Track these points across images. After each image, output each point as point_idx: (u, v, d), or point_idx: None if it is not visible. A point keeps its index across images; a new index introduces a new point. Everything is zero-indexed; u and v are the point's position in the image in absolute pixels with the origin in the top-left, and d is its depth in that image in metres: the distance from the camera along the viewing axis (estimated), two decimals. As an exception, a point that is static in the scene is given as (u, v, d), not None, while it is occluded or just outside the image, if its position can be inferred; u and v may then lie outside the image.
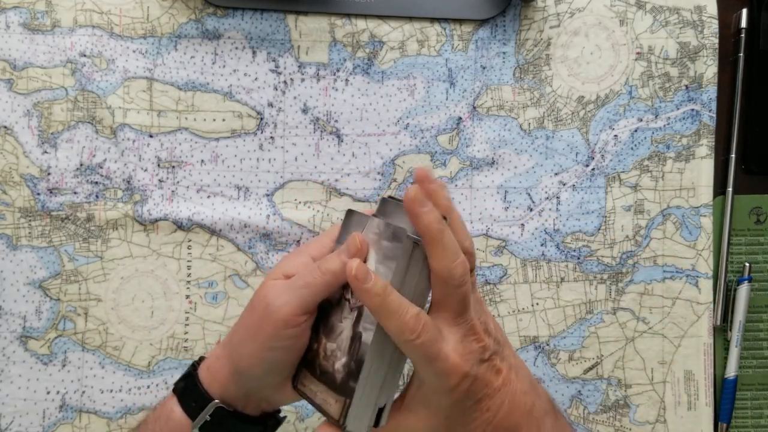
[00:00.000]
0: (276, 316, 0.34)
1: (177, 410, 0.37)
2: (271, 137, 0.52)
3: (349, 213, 0.37)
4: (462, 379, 0.32)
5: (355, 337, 0.34)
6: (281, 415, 0.40)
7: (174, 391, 0.38)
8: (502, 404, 0.34)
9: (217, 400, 0.36)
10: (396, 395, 0.35)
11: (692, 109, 0.53)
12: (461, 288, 0.32)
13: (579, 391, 0.52)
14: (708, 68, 0.53)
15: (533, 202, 0.53)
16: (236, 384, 0.36)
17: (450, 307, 0.33)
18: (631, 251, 0.53)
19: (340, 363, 0.34)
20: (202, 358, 0.39)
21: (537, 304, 0.52)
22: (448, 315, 0.33)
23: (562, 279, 0.52)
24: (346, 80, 0.52)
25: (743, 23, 0.53)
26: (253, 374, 0.35)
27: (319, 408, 0.35)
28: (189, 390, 0.37)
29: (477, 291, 0.37)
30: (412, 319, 0.31)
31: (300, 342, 0.35)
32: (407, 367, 0.36)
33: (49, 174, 0.50)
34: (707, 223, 0.53)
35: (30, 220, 0.50)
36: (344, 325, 0.35)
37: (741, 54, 0.53)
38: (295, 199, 0.52)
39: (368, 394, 0.33)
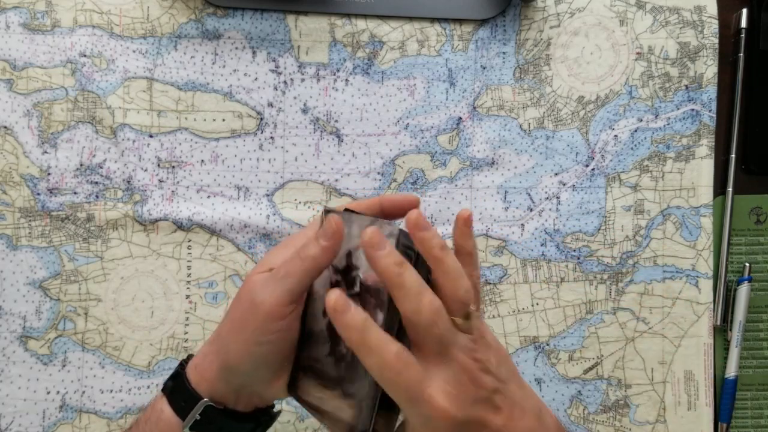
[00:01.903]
0: (261, 308, 0.33)
1: (167, 410, 0.36)
2: (271, 137, 0.52)
3: (327, 211, 0.36)
4: (451, 424, 0.30)
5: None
6: (275, 410, 0.40)
7: (163, 391, 0.37)
8: None
9: (206, 399, 0.36)
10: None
11: (692, 109, 0.53)
12: (433, 329, 0.30)
13: (579, 391, 0.52)
14: (708, 68, 0.53)
15: (533, 202, 0.53)
16: (225, 381, 0.36)
17: (427, 348, 0.31)
18: (631, 251, 0.53)
19: (345, 367, 0.33)
20: (190, 357, 0.38)
21: (537, 304, 0.52)
22: (429, 355, 0.31)
23: (562, 279, 0.52)
24: (346, 80, 0.52)
25: (743, 23, 0.53)
26: (242, 369, 0.35)
27: (330, 416, 0.34)
28: (178, 389, 0.37)
29: (483, 322, 0.35)
30: (393, 357, 0.30)
31: (288, 335, 0.34)
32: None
33: (49, 174, 0.50)
34: (707, 223, 0.53)
35: (30, 220, 0.50)
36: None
37: (741, 54, 0.53)
38: (295, 199, 0.52)
39: (375, 394, 0.32)
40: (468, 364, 0.31)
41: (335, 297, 0.30)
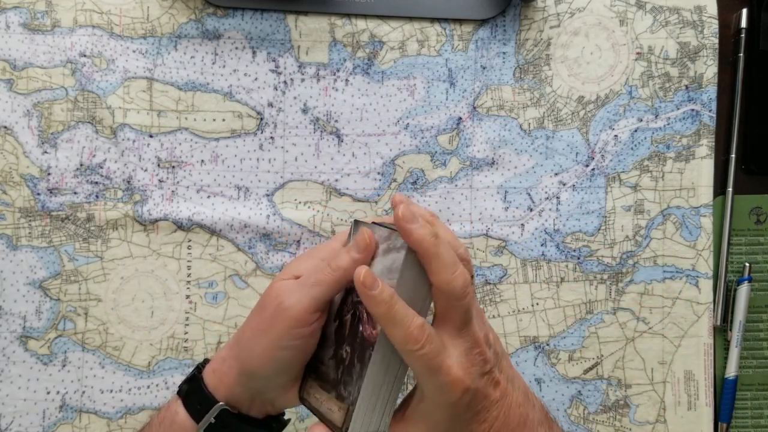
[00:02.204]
0: (288, 314, 0.34)
1: (181, 412, 0.37)
2: (271, 137, 0.52)
3: (356, 223, 0.37)
4: (463, 393, 0.32)
5: (358, 345, 0.34)
6: (285, 417, 0.40)
7: (178, 393, 0.38)
8: (497, 417, 0.34)
9: (222, 402, 0.36)
10: (397, 404, 0.35)
11: (692, 109, 0.53)
12: (463, 300, 0.32)
13: (579, 391, 0.52)
14: (708, 68, 0.53)
15: (533, 202, 0.53)
16: (243, 386, 0.36)
17: (453, 319, 0.33)
18: (631, 251, 0.53)
19: (343, 370, 0.34)
20: (206, 361, 0.39)
21: (537, 304, 0.52)
22: (452, 328, 0.33)
23: (562, 279, 0.52)
24: (346, 80, 0.52)
25: (743, 23, 0.53)
26: (263, 374, 0.36)
27: (323, 417, 0.35)
28: (193, 392, 0.37)
29: (476, 302, 0.37)
30: (416, 329, 0.31)
31: (311, 341, 0.35)
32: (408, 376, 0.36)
33: (49, 174, 0.50)
34: (707, 223, 0.53)
35: (30, 220, 0.50)
36: (347, 332, 0.35)
37: (741, 54, 0.53)
38: (295, 199, 0.52)
39: (371, 401, 0.33)
40: (479, 337, 0.33)
41: (364, 273, 0.32)
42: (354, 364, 0.34)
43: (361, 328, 0.34)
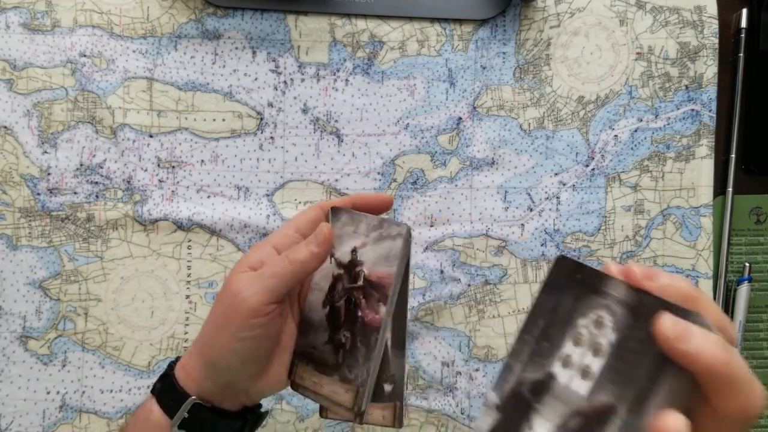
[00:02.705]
0: (244, 305, 0.34)
1: (156, 410, 0.37)
2: (271, 137, 0.52)
3: (334, 210, 0.38)
4: None
5: (359, 329, 0.35)
6: (262, 410, 0.40)
7: (152, 392, 0.38)
8: None
9: (194, 396, 0.36)
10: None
11: (692, 109, 0.53)
12: (752, 422, 0.24)
13: (579, 391, 0.52)
14: (708, 68, 0.53)
15: (533, 202, 0.53)
16: (211, 378, 0.36)
17: None
18: (631, 251, 0.53)
19: (344, 354, 0.36)
20: (178, 358, 0.39)
21: (537, 304, 0.52)
22: None
23: (562, 279, 0.52)
24: (346, 80, 0.52)
25: (743, 23, 0.53)
26: (225, 365, 0.36)
27: (326, 399, 0.36)
28: (166, 389, 0.37)
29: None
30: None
31: (270, 330, 0.35)
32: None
33: (49, 174, 0.50)
34: (707, 223, 0.53)
35: (30, 220, 0.50)
36: (344, 318, 0.36)
37: (741, 54, 0.53)
38: (295, 199, 0.52)
39: (374, 378, 0.35)
40: None
41: (671, 324, 0.24)
42: (357, 347, 0.35)
43: (360, 314, 0.36)
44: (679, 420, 0.23)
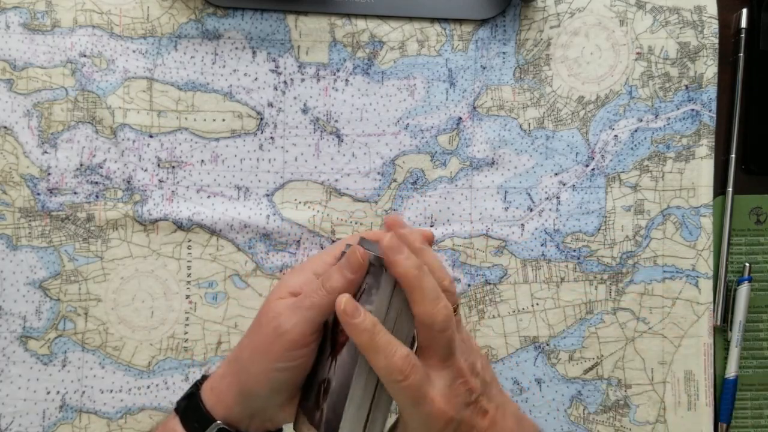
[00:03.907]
0: (287, 337, 0.34)
1: (179, 430, 0.37)
2: (271, 137, 0.52)
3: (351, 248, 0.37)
4: (447, 424, 0.32)
5: (340, 377, 0.34)
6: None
7: (176, 410, 0.38)
8: None
9: (219, 421, 0.36)
10: None
11: (692, 109, 0.53)
12: (445, 333, 0.32)
13: (579, 392, 0.52)
14: (708, 68, 0.53)
15: (533, 202, 0.53)
16: (242, 404, 0.36)
17: (435, 351, 0.33)
18: (631, 251, 0.53)
19: (326, 403, 0.34)
20: (204, 377, 0.39)
21: (537, 304, 0.52)
22: (434, 359, 0.33)
23: (562, 279, 0.52)
24: (346, 80, 0.52)
25: (743, 23, 0.53)
26: (261, 393, 0.36)
27: None
28: (191, 410, 0.37)
29: (464, 330, 0.37)
30: (400, 359, 0.31)
31: (308, 362, 0.35)
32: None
33: (49, 174, 0.50)
34: (707, 223, 0.53)
35: (30, 221, 0.50)
36: (328, 364, 0.35)
37: (741, 54, 0.53)
38: (295, 200, 0.52)
39: None
40: (463, 367, 0.33)
41: (345, 300, 0.32)
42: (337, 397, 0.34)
43: (343, 364, 0.34)
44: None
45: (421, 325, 0.32)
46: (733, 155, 0.53)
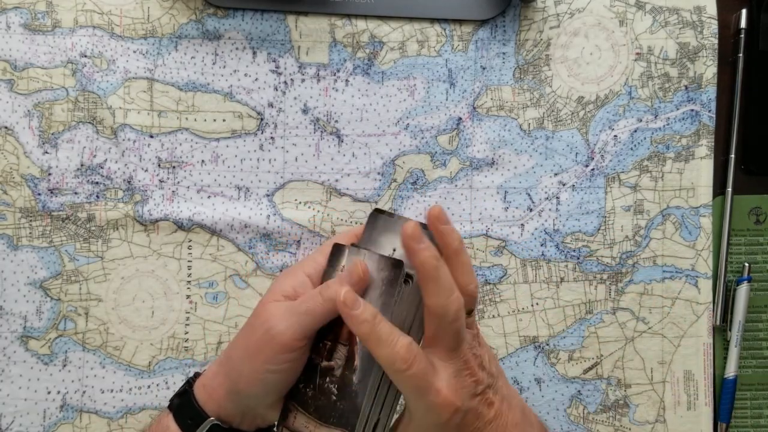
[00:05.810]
0: (277, 340, 0.34)
1: (173, 427, 0.37)
2: (272, 137, 0.52)
3: (337, 247, 0.36)
4: (453, 414, 0.32)
5: (350, 371, 0.34)
6: (274, 430, 0.40)
7: (170, 407, 0.38)
8: None
9: (212, 417, 0.36)
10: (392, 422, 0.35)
11: (692, 110, 0.53)
12: (455, 324, 0.32)
13: (579, 391, 0.52)
14: (707, 68, 0.53)
15: (533, 202, 0.53)
16: (233, 402, 0.36)
17: (443, 342, 0.33)
18: (631, 251, 0.53)
19: (335, 396, 0.34)
20: (197, 375, 0.39)
21: (537, 304, 0.53)
22: (442, 350, 0.33)
23: (562, 279, 0.53)
24: (347, 81, 0.52)
25: (743, 23, 0.53)
26: (251, 393, 0.36)
27: None
28: (184, 407, 0.37)
29: (477, 325, 0.37)
30: (403, 348, 0.31)
31: (298, 364, 0.35)
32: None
33: (49, 174, 0.50)
34: (707, 223, 0.53)
35: (31, 221, 0.50)
36: (339, 361, 0.35)
37: (740, 54, 0.53)
38: (296, 200, 0.52)
39: (368, 425, 0.33)
40: (470, 359, 0.33)
41: (344, 292, 0.32)
42: (348, 374, 0.34)
43: (355, 359, 0.34)
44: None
45: (433, 315, 0.32)
46: (733, 155, 0.53)
